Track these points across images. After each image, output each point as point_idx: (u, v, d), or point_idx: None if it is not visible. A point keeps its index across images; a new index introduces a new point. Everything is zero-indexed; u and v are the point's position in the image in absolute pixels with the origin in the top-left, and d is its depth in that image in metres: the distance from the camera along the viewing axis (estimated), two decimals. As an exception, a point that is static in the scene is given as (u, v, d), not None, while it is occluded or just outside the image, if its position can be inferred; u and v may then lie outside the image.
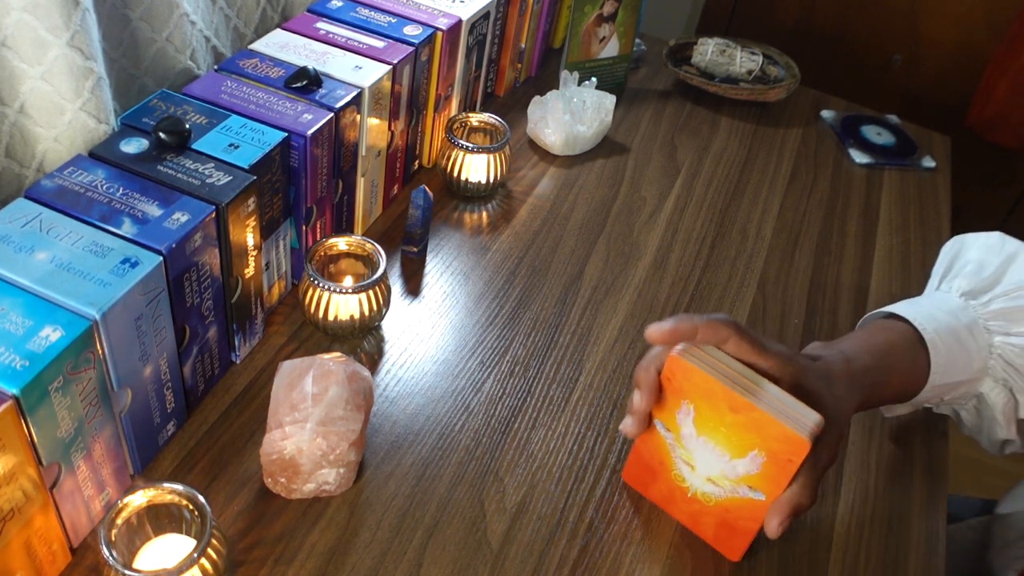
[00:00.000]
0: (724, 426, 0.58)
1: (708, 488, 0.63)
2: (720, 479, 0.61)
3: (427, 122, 0.98)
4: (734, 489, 0.60)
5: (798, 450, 0.55)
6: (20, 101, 0.63)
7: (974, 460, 1.78)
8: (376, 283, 0.76)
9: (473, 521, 0.67)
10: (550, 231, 0.96)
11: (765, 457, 0.57)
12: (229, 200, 0.63)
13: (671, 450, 0.63)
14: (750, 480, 0.59)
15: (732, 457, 0.59)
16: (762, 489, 0.59)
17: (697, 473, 0.63)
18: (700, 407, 0.59)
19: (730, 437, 0.58)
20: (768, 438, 0.56)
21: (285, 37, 0.84)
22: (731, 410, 0.57)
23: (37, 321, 0.52)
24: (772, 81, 1.24)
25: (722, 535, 0.65)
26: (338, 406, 0.62)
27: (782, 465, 0.56)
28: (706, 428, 0.60)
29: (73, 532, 0.59)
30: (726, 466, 0.60)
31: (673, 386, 0.60)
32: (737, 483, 0.60)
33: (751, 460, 0.58)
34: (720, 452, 0.60)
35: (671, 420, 0.62)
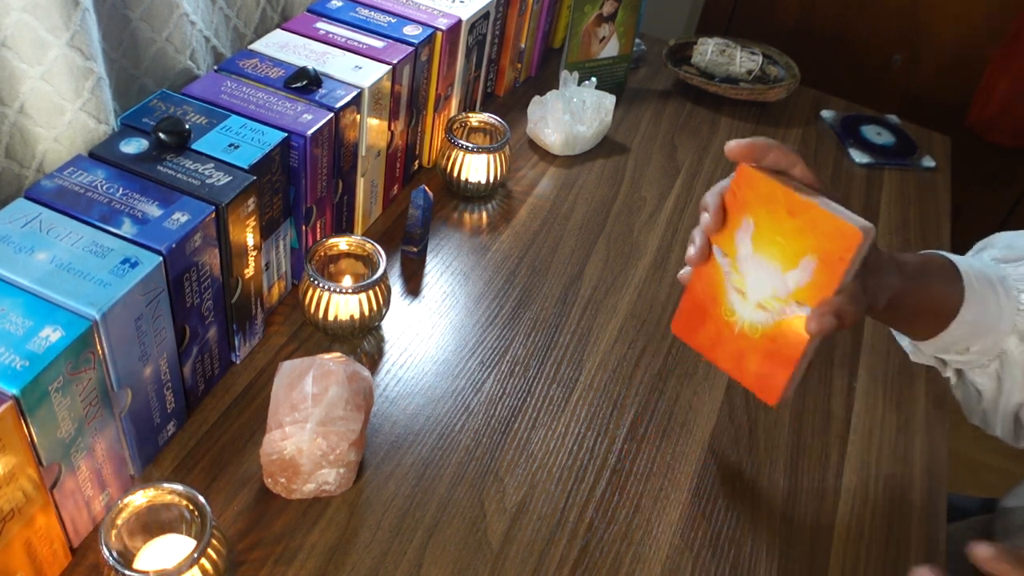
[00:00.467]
0: (781, 235, 0.59)
1: (757, 316, 0.62)
2: (771, 301, 0.61)
3: (427, 122, 0.98)
4: (782, 310, 0.60)
5: (850, 243, 0.55)
6: (20, 101, 0.63)
7: (974, 460, 1.78)
8: (376, 283, 0.76)
9: (473, 521, 0.67)
10: (550, 231, 0.96)
11: (817, 260, 0.57)
12: (229, 200, 0.63)
13: (725, 279, 0.63)
14: (800, 294, 0.59)
15: (785, 270, 0.59)
16: (810, 302, 0.58)
17: (748, 300, 0.62)
18: (759, 218, 0.60)
19: (785, 246, 0.59)
20: (822, 236, 0.56)
21: (285, 37, 0.84)
22: (789, 213, 0.58)
23: (37, 321, 0.52)
24: (772, 81, 1.24)
25: (764, 372, 0.63)
26: (338, 406, 0.62)
27: (834, 265, 0.56)
28: (763, 242, 0.60)
29: (73, 532, 0.59)
30: (778, 282, 0.60)
31: (737, 200, 0.61)
32: (786, 301, 0.60)
33: (803, 268, 0.58)
34: (773, 267, 0.60)
35: (730, 243, 0.62)
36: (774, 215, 0.59)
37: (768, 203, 0.59)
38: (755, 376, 0.63)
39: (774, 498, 0.73)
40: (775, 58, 1.29)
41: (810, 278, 0.58)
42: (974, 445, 1.79)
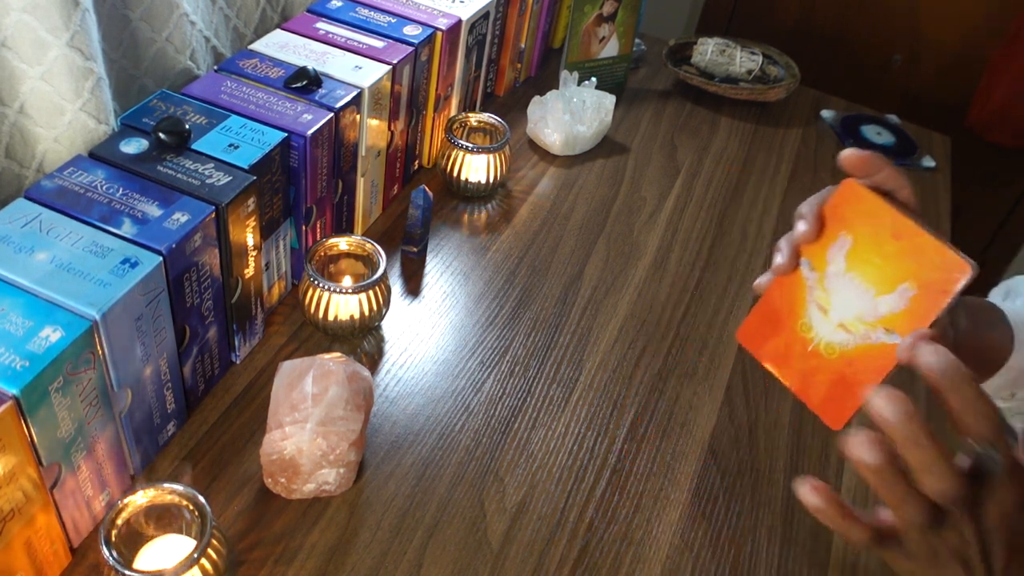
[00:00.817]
0: (880, 256, 0.57)
1: (837, 337, 0.60)
2: (854, 323, 0.58)
3: (427, 122, 0.98)
4: (867, 334, 0.58)
5: (957, 276, 0.53)
6: (20, 101, 0.63)
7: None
8: (376, 283, 0.76)
9: (473, 521, 0.67)
10: (550, 231, 0.96)
11: (916, 290, 0.55)
12: (229, 200, 0.63)
13: (808, 292, 0.61)
14: (891, 321, 0.56)
15: (877, 294, 0.57)
16: (900, 330, 0.56)
17: (830, 318, 0.60)
18: (859, 237, 0.58)
19: (883, 269, 0.57)
20: (927, 265, 0.54)
21: (285, 37, 0.84)
22: (894, 236, 0.56)
23: (37, 321, 0.52)
24: (772, 81, 1.24)
25: (833, 396, 0.60)
26: (338, 406, 0.62)
27: (935, 297, 0.54)
28: (858, 261, 0.58)
29: (74, 532, 0.59)
30: (867, 305, 0.57)
31: (837, 214, 0.59)
32: (874, 326, 0.57)
33: (899, 295, 0.56)
34: (865, 288, 0.58)
35: (821, 257, 0.60)
36: (876, 235, 0.57)
37: (872, 222, 0.58)
38: (822, 398, 0.60)
39: (774, 498, 0.73)
40: (775, 58, 1.29)
41: (906, 306, 0.56)
42: (974, 445, 1.79)
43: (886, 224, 0.57)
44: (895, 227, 0.56)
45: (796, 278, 0.61)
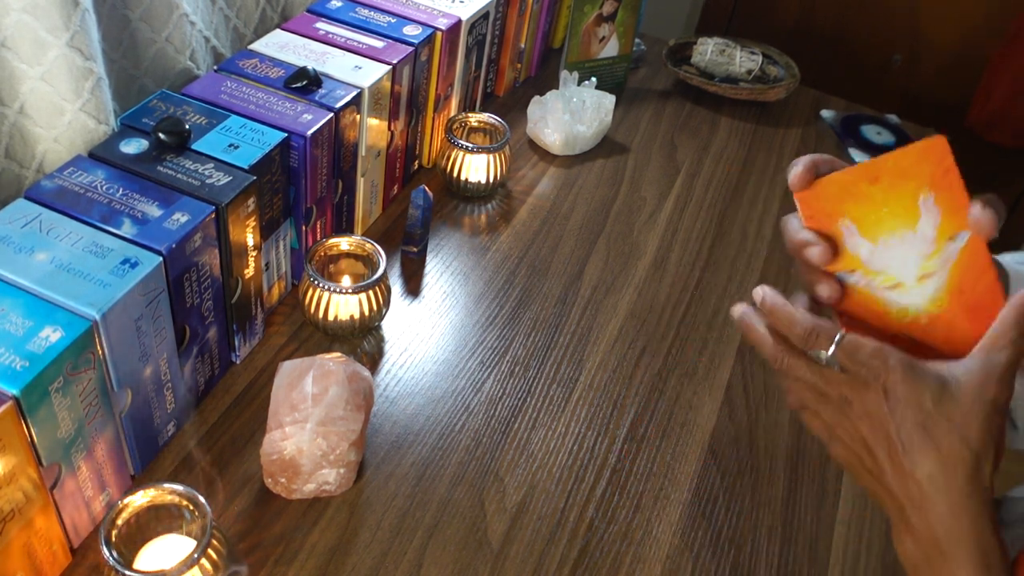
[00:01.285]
0: (881, 205, 0.55)
1: (929, 287, 0.56)
2: (927, 264, 0.55)
3: (427, 122, 0.98)
4: (945, 257, 0.55)
5: (941, 150, 0.52)
6: (20, 102, 0.63)
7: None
8: (376, 283, 0.76)
9: (473, 521, 0.67)
10: (550, 231, 0.96)
11: (931, 192, 0.53)
12: (229, 200, 0.63)
13: (874, 292, 0.57)
14: (944, 230, 0.54)
15: (913, 227, 0.55)
16: (958, 224, 0.53)
17: (907, 285, 0.56)
18: (853, 213, 0.56)
19: (895, 209, 0.55)
20: (915, 172, 0.53)
21: (285, 37, 0.84)
22: (872, 183, 0.55)
23: (37, 322, 0.52)
24: (772, 81, 1.24)
25: (977, 316, 0.56)
26: (338, 406, 0.62)
27: (947, 179, 0.53)
28: (874, 227, 0.56)
29: (73, 532, 0.59)
30: (919, 242, 0.55)
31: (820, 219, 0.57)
32: (940, 248, 0.55)
33: (927, 209, 0.54)
34: (901, 236, 0.55)
35: (847, 259, 0.57)
36: (862, 197, 0.56)
37: (848, 195, 0.56)
38: (971, 323, 0.55)
39: (774, 498, 0.73)
40: (775, 58, 1.29)
41: (940, 208, 0.54)
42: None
43: (859, 183, 0.56)
44: (866, 177, 0.55)
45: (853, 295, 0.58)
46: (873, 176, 0.55)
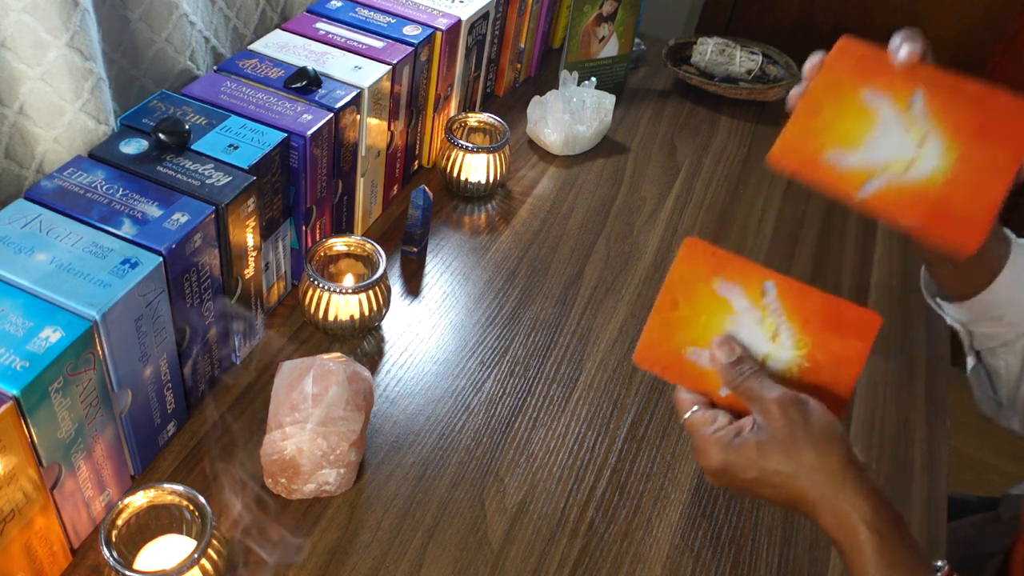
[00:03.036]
0: (699, 317, 0.58)
1: (784, 339, 0.59)
2: (766, 325, 0.59)
3: (427, 122, 0.98)
4: (772, 309, 0.58)
5: (692, 249, 0.57)
6: (20, 102, 0.63)
7: (975, 459, 1.78)
8: (376, 283, 0.76)
9: (474, 521, 0.67)
10: (550, 231, 0.96)
11: (720, 278, 0.57)
12: (229, 200, 0.63)
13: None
14: (750, 292, 0.58)
15: (733, 311, 0.58)
16: (755, 284, 0.58)
17: (770, 352, 0.59)
18: (687, 339, 0.59)
19: (709, 314, 0.58)
20: (695, 270, 0.58)
21: (284, 37, 0.84)
22: (674, 308, 0.59)
23: (37, 322, 0.52)
24: (772, 80, 1.24)
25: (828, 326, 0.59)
26: (338, 406, 0.62)
27: (719, 262, 0.57)
28: (707, 337, 0.59)
29: (74, 533, 0.59)
30: (747, 316, 0.58)
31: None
32: (760, 305, 0.58)
33: (727, 291, 0.58)
34: (732, 322, 0.58)
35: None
36: (680, 325, 0.59)
37: (669, 330, 0.59)
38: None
39: (774, 498, 0.73)
40: (775, 58, 1.29)
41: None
42: (974, 445, 1.79)
43: (669, 318, 0.59)
44: (668, 308, 0.59)
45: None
46: (672, 303, 0.59)
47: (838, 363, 0.58)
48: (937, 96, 0.58)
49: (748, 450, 0.54)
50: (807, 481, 0.53)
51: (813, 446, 0.53)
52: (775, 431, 0.54)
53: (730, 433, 0.55)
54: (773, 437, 0.54)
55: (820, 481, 0.53)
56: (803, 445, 0.53)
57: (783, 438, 0.53)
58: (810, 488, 0.53)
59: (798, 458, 0.53)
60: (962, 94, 0.58)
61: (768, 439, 0.54)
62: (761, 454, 0.54)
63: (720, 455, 0.55)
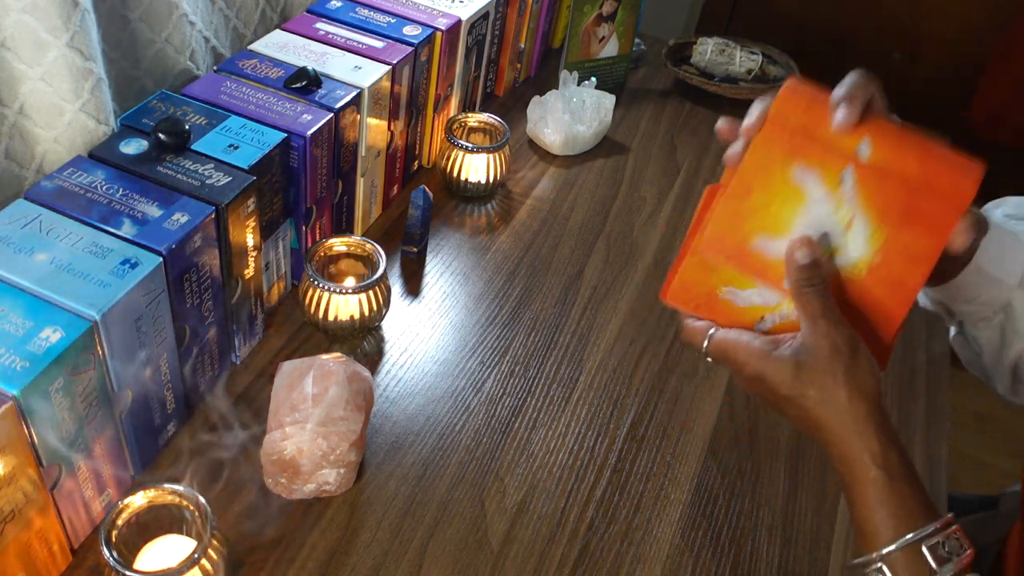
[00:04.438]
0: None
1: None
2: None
3: (427, 122, 0.98)
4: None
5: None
6: (20, 102, 0.63)
7: (975, 459, 1.78)
8: (376, 283, 0.76)
9: (474, 521, 0.67)
10: (550, 231, 0.96)
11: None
12: (229, 201, 0.63)
13: None
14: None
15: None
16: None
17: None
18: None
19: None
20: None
21: (284, 37, 0.84)
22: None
23: (37, 322, 0.52)
24: (772, 80, 1.24)
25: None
26: (338, 406, 0.62)
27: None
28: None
29: (73, 533, 0.59)
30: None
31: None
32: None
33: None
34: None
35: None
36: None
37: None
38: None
39: (774, 498, 0.73)
40: (775, 57, 1.29)
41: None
42: (974, 445, 1.79)
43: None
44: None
45: None
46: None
47: (908, 262, 0.56)
48: (868, 173, 0.56)
49: (786, 366, 0.54)
50: (832, 414, 0.53)
51: (848, 386, 0.53)
52: (819, 359, 0.53)
53: (768, 344, 0.55)
54: (815, 364, 0.53)
55: (844, 419, 0.53)
56: (840, 383, 0.53)
57: (824, 368, 0.53)
58: (833, 421, 0.53)
59: (832, 391, 0.53)
60: (892, 173, 0.56)
61: (809, 362, 0.53)
62: (797, 375, 0.54)
63: (758, 364, 0.55)
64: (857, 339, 0.54)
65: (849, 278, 0.56)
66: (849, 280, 0.56)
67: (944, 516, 0.52)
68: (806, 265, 0.54)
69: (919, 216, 0.56)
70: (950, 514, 0.52)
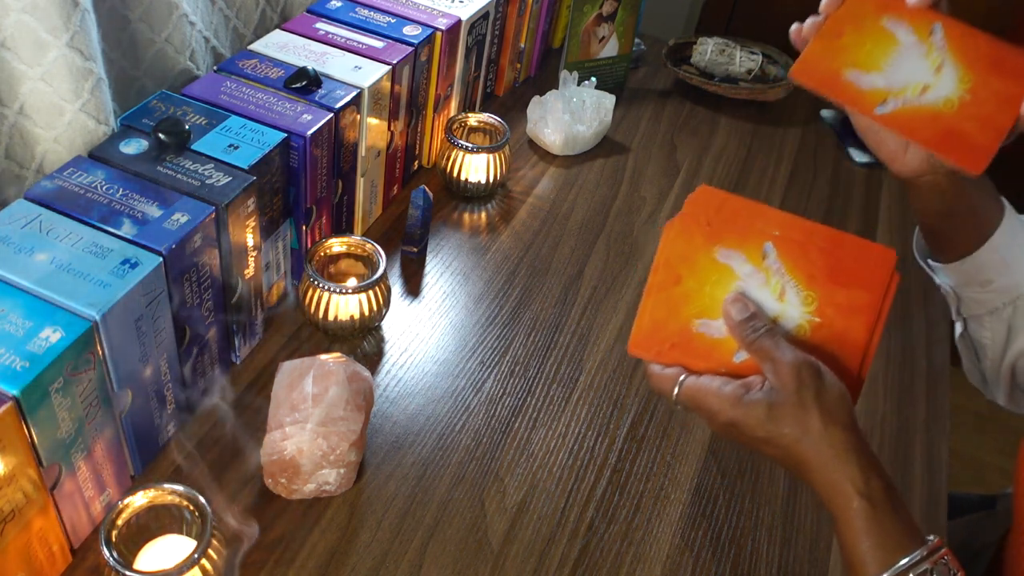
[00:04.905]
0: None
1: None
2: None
3: (427, 122, 0.98)
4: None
5: None
6: (20, 102, 0.63)
7: (974, 459, 1.78)
8: (376, 283, 0.76)
9: (474, 521, 0.67)
10: (550, 231, 0.96)
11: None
12: (229, 201, 0.63)
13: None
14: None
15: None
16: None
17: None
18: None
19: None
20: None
21: (284, 37, 0.84)
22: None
23: (37, 322, 0.52)
24: (772, 80, 1.24)
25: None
26: (338, 406, 0.62)
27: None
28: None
29: (73, 533, 0.59)
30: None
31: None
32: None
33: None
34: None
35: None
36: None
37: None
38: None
39: (774, 498, 0.73)
40: (775, 57, 1.29)
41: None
42: (974, 445, 1.79)
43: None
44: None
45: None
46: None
47: (848, 315, 0.58)
48: (955, 31, 0.62)
49: (759, 409, 0.54)
50: (809, 447, 0.53)
51: (821, 414, 0.54)
52: (787, 395, 0.54)
53: (739, 390, 0.55)
54: (785, 400, 0.54)
55: (821, 449, 0.53)
56: (812, 412, 0.54)
57: (794, 402, 0.54)
58: (811, 454, 0.54)
59: (806, 424, 0.54)
60: (976, 36, 0.63)
61: (780, 401, 0.54)
62: (771, 416, 0.54)
63: (730, 411, 0.55)
64: (819, 364, 0.55)
65: (796, 340, 0.57)
66: (796, 341, 0.58)
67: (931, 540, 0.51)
68: (744, 319, 0.56)
69: (845, 274, 0.59)
70: (937, 538, 0.52)
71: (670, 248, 0.60)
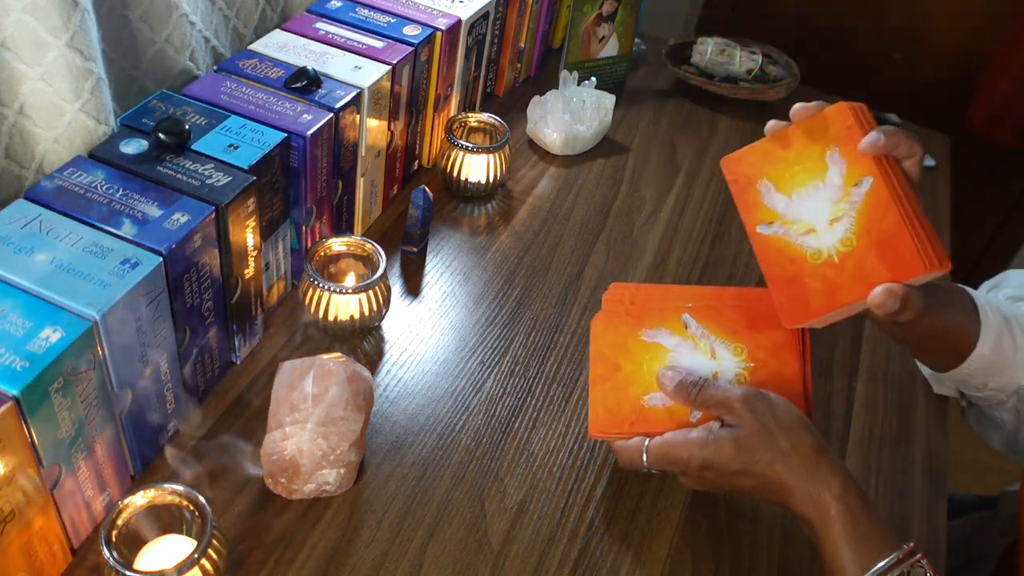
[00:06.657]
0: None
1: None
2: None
3: (427, 122, 0.98)
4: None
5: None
6: (20, 102, 0.63)
7: (974, 460, 1.78)
8: (376, 283, 0.76)
9: (474, 521, 0.67)
10: (550, 231, 0.96)
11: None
12: (229, 201, 0.63)
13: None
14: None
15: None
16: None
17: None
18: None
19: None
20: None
21: (284, 37, 0.84)
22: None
23: (37, 322, 0.52)
24: (772, 80, 1.24)
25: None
26: (338, 406, 0.62)
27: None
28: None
29: (74, 533, 0.59)
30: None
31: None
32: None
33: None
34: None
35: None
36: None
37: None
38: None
39: (774, 498, 0.73)
40: (775, 57, 1.29)
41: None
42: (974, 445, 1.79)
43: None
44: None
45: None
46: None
47: (778, 353, 0.64)
48: (880, 193, 0.60)
49: (727, 445, 0.58)
50: (783, 466, 0.56)
51: (785, 433, 0.57)
52: (748, 425, 0.57)
53: (703, 432, 0.59)
54: (748, 431, 0.57)
55: (794, 465, 0.56)
56: (776, 433, 0.57)
57: (757, 429, 0.57)
58: (785, 473, 0.56)
59: (774, 445, 0.57)
60: (892, 209, 0.59)
61: (743, 433, 0.57)
62: (739, 448, 0.57)
63: (700, 453, 0.58)
64: (765, 391, 0.59)
65: (804, 256, 0.62)
66: None
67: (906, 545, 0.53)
68: (679, 383, 0.61)
69: (760, 319, 0.65)
70: (912, 543, 0.54)
71: (601, 340, 0.67)
